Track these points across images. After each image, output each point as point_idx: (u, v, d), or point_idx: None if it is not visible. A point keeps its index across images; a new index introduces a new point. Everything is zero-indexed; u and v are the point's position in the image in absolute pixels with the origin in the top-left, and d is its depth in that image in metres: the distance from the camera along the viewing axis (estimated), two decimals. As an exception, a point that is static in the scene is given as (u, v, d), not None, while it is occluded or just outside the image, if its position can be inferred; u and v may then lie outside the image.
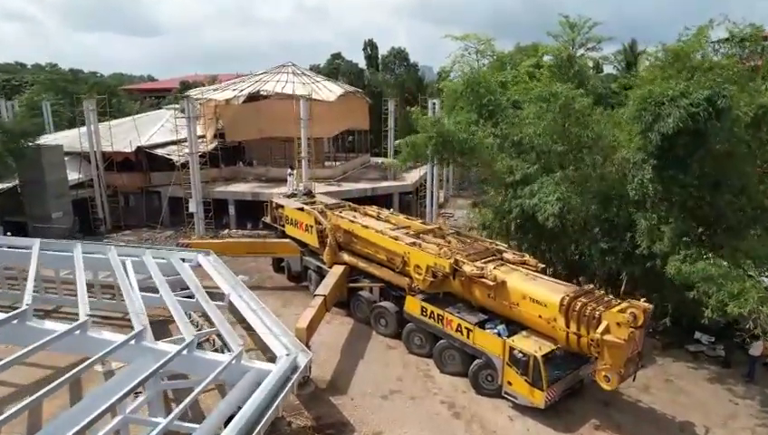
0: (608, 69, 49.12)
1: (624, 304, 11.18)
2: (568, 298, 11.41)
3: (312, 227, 18.79)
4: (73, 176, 28.65)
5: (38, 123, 34.81)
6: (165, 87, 74.10)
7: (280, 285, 20.76)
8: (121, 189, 30.64)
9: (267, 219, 22.27)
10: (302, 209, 19.78)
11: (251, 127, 32.34)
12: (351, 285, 17.12)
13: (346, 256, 17.71)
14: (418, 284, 14.44)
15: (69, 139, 30.30)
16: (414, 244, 14.76)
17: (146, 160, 30.77)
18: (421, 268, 14.09)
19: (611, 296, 11.80)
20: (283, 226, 20.94)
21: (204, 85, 64.16)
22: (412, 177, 35.28)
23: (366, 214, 18.96)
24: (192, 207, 27.96)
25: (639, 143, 13.31)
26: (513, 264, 13.74)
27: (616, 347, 10.56)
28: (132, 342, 10.39)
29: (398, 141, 47.06)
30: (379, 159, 43.06)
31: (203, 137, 32.36)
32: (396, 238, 15.35)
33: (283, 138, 32.28)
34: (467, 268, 13.03)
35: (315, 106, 30.23)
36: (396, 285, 15.93)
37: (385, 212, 18.66)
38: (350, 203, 20.70)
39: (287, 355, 11.39)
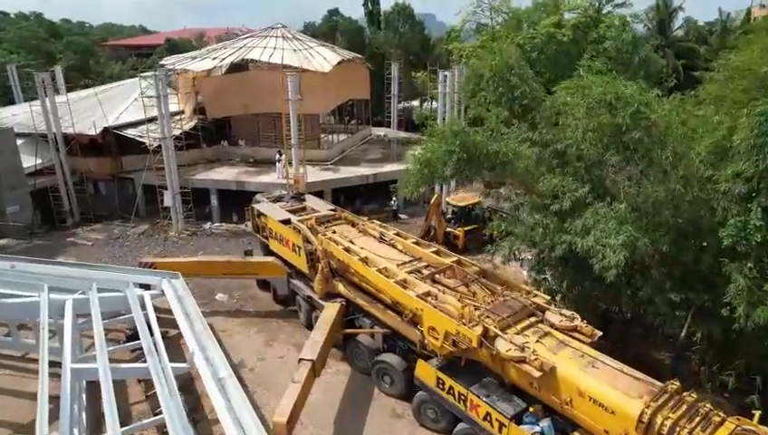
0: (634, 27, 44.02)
1: (731, 424, 7.88)
2: (649, 411, 8.08)
3: (300, 248, 15.33)
4: (30, 162, 24.87)
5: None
6: (150, 43, 68.80)
7: (264, 309, 17.47)
8: (89, 176, 26.92)
9: (249, 226, 18.80)
10: (288, 222, 16.27)
11: (235, 101, 28.25)
12: (347, 331, 13.84)
13: (341, 287, 14.37)
14: (433, 347, 11.13)
15: (22, 116, 26.27)
16: (428, 296, 11.33)
17: (115, 142, 26.88)
18: (438, 333, 10.73)
19: (709, 406, 8.45)
20: (267, 238, 17.48)
21: (191, 42, 59.19)
22: (418, 156, 31.42)
23: (365, 232, 15.44)
24: (167, 201, 24.37)
25: (744, 168, 9.58)
26: (561, 330, 10.36)
27: (726, 500, 7.36)
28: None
29: (400, 106, 42.80)
30: (381, 131, 38.99)
31: (181, 113, 28.39)
32: (404, 284, 11.90)
33: (272, 113, 28.28)
34: (503, 347, 9.66)
35: (308, 78, 26.04)
36: (403, 336, 12.67)
37: (390, 232, 15.06)
38: (348, 213, 17.13)
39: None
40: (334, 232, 15.07)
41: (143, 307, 14.10)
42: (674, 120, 10.80)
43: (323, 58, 28.65)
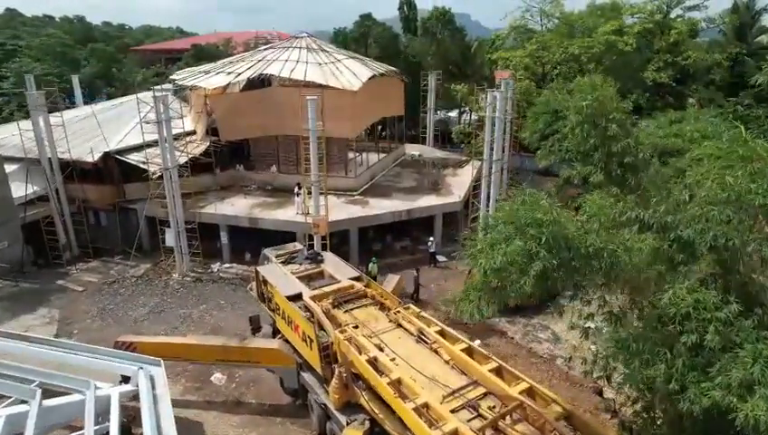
0: (707, 33, 38.80)
1: None
2: None
3: (311, 340, 11.69)
4: (21, 192, 22.10)
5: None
6: (180, 48, 66.66)
7: (269, 401, 13.88)
8: (88, 206, 24.05)
9: (254, 291, 15.30)
10: (298, 298, 12.63)
11: (252, 122, 24.97)
12: (371, 477, 10.12)
13: (363, 400, 10.65)
14: None
15: (12, 138, 23.58)
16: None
17: (118, 168, 23.90)
18: None
19: None
20: (274, 311, 13.93)
21: (218, 48, 56.59)
22: (461, 183, 27.46)
23: (399, 324, 11.64)
24: (169, 240, 21.21)
25: None
26: None
27: None
28: None
29: (436, 117, 38.70)
30: (416, 149, 35.13)
31: (192, 133, 25.29)
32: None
33: (294, 135, 24.84)
34: None
35: (334, 97, 22.53)
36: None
37: (432, 329, 11.17)
38: (376, 286, 13.38)
39: None
40: (356, 326, 11.32)
41: (106, 415, 10.88)
42: None
43: (352, 73, 25.00)
